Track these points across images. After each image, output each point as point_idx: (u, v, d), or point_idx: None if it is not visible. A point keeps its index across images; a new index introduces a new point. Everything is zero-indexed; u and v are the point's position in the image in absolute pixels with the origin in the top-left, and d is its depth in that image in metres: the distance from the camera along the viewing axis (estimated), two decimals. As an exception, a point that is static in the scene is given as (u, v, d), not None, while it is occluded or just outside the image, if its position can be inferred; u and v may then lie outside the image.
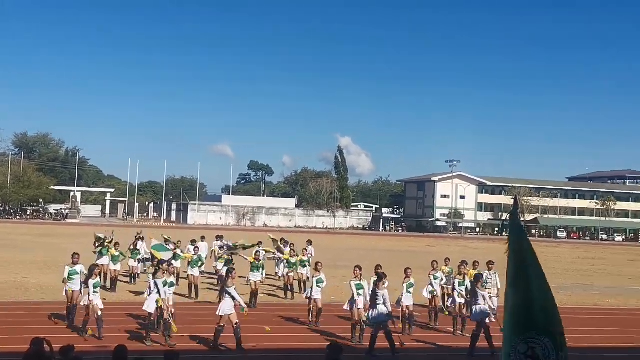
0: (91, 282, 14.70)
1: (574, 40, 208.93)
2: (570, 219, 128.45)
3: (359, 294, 15.30)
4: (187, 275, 22.62)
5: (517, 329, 4.65)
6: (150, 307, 14.47)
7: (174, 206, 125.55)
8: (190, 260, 22.54)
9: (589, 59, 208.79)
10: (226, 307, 13.91)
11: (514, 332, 4.64)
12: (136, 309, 16.69)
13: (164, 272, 14.99)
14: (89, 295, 14.52)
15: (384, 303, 14.10)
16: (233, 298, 13.99)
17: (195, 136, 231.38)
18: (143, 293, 16.39)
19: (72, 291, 15.99)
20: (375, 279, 14.78)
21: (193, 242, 25.55)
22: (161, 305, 14.40)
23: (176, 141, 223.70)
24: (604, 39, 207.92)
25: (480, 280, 15.40)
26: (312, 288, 17.34)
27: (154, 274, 15.05)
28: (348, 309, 15.73)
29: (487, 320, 14.54)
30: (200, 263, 23.07)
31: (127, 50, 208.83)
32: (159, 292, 14.46)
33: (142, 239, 26.19)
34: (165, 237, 26.28)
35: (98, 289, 14.88)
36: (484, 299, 14.72)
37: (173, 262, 24.75)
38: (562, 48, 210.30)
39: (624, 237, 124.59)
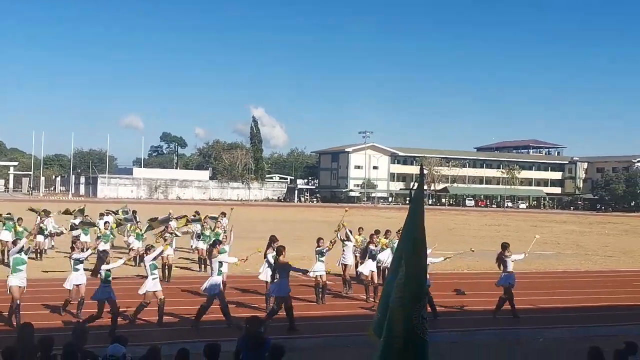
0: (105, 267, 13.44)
1: (476, 13, 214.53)
2: (478, 188, 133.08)
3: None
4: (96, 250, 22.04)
5: (416, 296, 4.82)
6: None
7: (82, 180, 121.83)
8: (102, 234, 22.02)
9: (490, 35, 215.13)
10: (150, 285, 13.78)
11: (412, 299, 4.80)
12: (46, 285, 16.09)
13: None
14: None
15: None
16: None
17: (104, 107, 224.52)
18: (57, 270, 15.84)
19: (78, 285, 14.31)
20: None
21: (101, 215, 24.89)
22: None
23: (84, 112, 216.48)
24: (503, 16, 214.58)
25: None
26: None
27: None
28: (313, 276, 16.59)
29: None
30: (112, 237, 22.62)
31: (31, 19, 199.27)
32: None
33: (49, 214, 25.28)
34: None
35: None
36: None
37: (82, 236, 24.28)
38: (459, 23, 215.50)
39: (527, 204, 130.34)
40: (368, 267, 17.31)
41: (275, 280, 14.04)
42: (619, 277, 24.85)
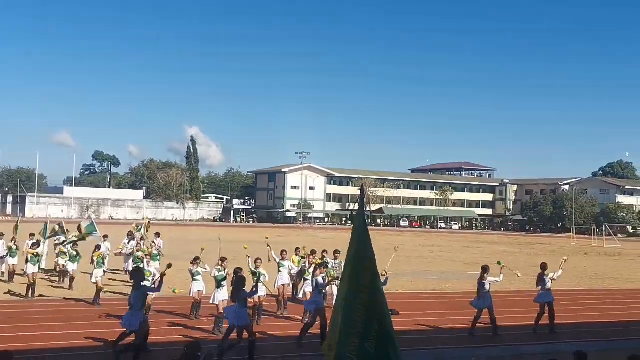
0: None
1: (406, 37, 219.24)
2: (412, 209, 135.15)
3: (221, 285, 15.87)
4: (24, 273, 21.35)
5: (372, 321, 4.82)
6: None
7: (9, 199, 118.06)
8: (31, 256, 21.31)
9: (421, 60, 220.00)
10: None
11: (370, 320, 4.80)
12: None
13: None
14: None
15: (489, 290, 16.16)
16: None
17: (34, 124, 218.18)
18: None
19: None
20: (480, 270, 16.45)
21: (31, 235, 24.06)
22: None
23: (12, 129, 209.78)
24: (432, 40, 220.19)
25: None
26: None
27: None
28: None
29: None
30: (38, 259, 21.89)
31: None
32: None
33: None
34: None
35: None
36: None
37: (9, 258, 23.45)
38: (391, 47, 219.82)
39: (460, 225, 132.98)
40: (306, 289, 17.38)
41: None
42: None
